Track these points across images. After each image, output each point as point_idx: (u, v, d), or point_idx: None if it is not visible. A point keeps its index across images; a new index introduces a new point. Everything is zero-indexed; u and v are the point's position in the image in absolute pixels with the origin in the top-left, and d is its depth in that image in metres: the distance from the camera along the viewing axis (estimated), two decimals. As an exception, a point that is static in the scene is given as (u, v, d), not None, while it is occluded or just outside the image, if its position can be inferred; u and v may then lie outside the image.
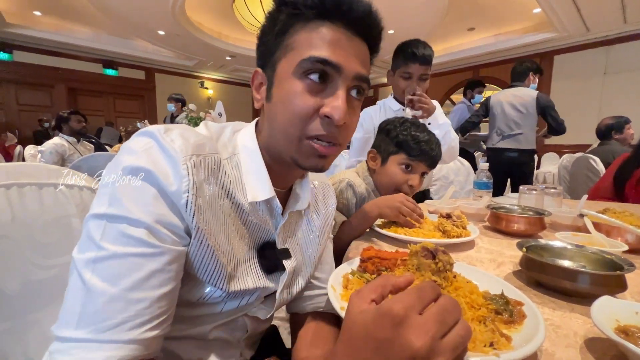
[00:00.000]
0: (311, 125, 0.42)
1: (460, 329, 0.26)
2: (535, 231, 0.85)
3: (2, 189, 0.50)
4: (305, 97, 0.42)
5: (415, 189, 0.98)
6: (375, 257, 0.55)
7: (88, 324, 0.33)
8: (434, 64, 6.12)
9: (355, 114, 0.47)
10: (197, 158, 0.40)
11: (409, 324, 0.25)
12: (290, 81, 0.43)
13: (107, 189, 0.37)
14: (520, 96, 2.52)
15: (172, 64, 7.94)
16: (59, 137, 2.95)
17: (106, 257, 0.34)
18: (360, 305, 0.28)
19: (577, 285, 0.48)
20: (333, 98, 0.42)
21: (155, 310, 0.36)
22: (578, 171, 2.76)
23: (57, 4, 5.29)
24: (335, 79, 0.42)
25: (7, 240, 0.49)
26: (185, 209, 0.38)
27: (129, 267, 0.35)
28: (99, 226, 0.36)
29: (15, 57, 6.47)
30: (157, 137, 0.39)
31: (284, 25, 0.44)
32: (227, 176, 0.45)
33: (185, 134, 0.41)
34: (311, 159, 0.44)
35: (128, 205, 0.36)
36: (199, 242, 0.40)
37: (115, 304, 0.33)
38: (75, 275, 0.35)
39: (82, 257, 0.35)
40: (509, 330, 0.39)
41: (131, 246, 0.35)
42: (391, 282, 0.30)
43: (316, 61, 0.41)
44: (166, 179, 0.38)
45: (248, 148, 0.48)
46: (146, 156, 0.38)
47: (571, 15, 4.64)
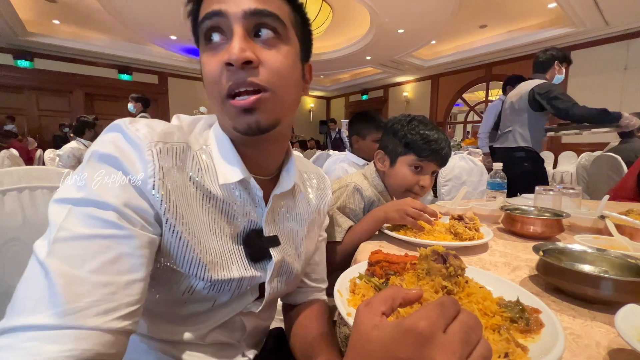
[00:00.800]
0: (222, 83, 0.41)
1: (483, 348, 0.25)
2: (553, 234, 0.81)
3: (15, 192, 0.51)
4: (210, 60, 0.42)
5: (427, 189, 0.95)
6: (384, 261, 0.53)
7: (46, 308, 0.29)
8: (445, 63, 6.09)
9: (277, 52, 0.42)
10: (164, 145, 0.40)
11: (435, 344, 0.23)
12: (202, 56, 0.43)
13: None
14: (521, 89, 2.20)
15: (184, 68, 8.09)
16: (76, 142, 3.05)
17: (68, 237, 0.32)
18: (372, 319, 0.26)
19: (599, 292, 0.46)
20: (230, 45, 0.40)
21: (123, 298, 0.33)
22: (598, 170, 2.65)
23: (75, 13, 5.47)
24: (228, 26, 0.41)
25: (18, 243, 0.50)
26: (152, 192, 0.38)
27: (94, 249, 0.32)
28: (63, 210, 0.34)
29: (36, 64, 6.72)
30: (122, 129, 0.39)
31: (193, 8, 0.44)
32: (197, 165, 0.44)
33: (151, 124, 0.41)
34: (239, 118, 0.42)
35: (96, 189, 0.35)
36: (170, 229, 0.40)
37: (77, 287, 0.30)
38: (32, 263, 0.32)
39: (42, 242, 0.33)
40: (525, 340, 0.37)
41: (99, 228, 0.33)
42: (401, 294, 0.28)
43: (204, 19, 0.41)
44: (132, 165, 0.37)
45: (218, 137, 0.48)
46: (113, 146, 0.38)
47: (589, 9, 4.49)
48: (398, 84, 8.88)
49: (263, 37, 0.42)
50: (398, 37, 5.79)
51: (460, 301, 0.42)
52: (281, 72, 0.42)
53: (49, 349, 0.28)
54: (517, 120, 2.20)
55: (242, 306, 0.51)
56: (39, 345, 0.28)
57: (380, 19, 5.05)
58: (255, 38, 0.42)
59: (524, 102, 2.14)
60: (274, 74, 0.42)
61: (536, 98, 2.05)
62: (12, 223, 0.49)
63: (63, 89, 7.17)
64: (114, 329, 0.31)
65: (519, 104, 2.18)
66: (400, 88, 8.86)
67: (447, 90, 7.79)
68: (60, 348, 0.28)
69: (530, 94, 2.08)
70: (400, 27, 5.40)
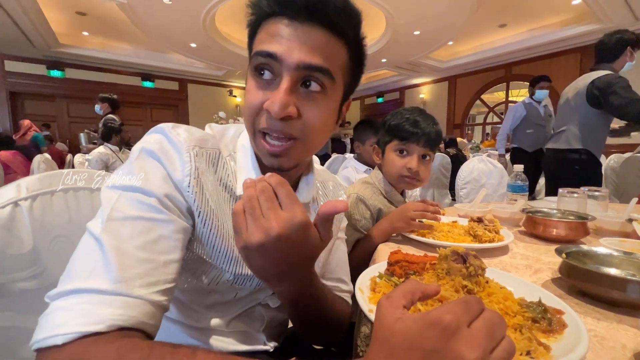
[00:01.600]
0: (259, 119, 0.44)
1: (507, 343, 0.25)
2: (577, 237, 0.79)
3: (61, 193, 0.56)
4: (255, 92, 0.44)
5: (418, 171, 0.93)
6: (403, 261, 0.54)
7: (101, 275, 0.33)
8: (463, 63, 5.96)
9: (316, 107, 0.44)
10: (200, 149, 0.45)
11: (460, 336, 0.24)
12: (249, 80, 0.46)
13: (125, 167, 0.42)
14: (579, 83, 1.88)
15: (203, 74, 8.34)
16: (103, 147, 3.21)
17: (119, 217, 0.37)
18: (394, 313, 0.27)
19: (626, 294, 0.45)
20: (276, 91, 0.42)
21: (162, 275, 0.37)
22: (628, 172, 2.53)
23: (103, 25, 5.77)
24: (279, 71, 0.42)
25: (65, 240, 0.54)
26: (188, 191, 0.42)
27: (140, 229, 0.37)
28: (114, 194, 0.39)
29: (66, 74, 7.13)
30: (165, 132, 0.45)
31: (251, 27, 0.47)
32: (225, 170, 0.49)
33: (190, 130, 0.47)
34: (266, 157, 0.46)
35: (143, 179, 0.40)
36: (203, 222, 0.44)
37: (127, 260, 0.34)
38: (86, 238, 0.37)
39: (95, 221, 0.38)
40: (547, 339, 0.37)
41: (143, 211, 0.38)
42: (420, 288, 0.29)
43: (259, 55, 0.42)
44: (172, 164, 0.43)
45: (244, 147, 0.51)
46: (158, 145, 0.44)
47: (617, 4, 4.30)
48: (414, 86, 8.78)
49: (308, 90, 0.43)
50: (414, 39, 5.74)
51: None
52: (316, 125, 0.45)
53: (101, 312, 0.31)
54: (573, 118, 1.90)
55: (260, 298, 0.55)
56: (91, 308, 0.31)
57: (395, 21, 5.03)
58: (301, 87, 0.43)
59: (581, 97, 1.84)
60: (308, 126, 0.44)
61: (594, 93, 1.76)
62: (59, 221, 0.54)
63: (91, 97, 7.50)
64: (154, 301, 0.35)
65: (575, 100, 1.88)
66: (417, 90, 8.76)
67: (465, 91, 7.62)
68: (111, 312, 0.31)
69: (589, 88, 1.78)
70: (416, 29, 5.35)
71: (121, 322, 0.31)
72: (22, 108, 6.76)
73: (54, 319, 0.31)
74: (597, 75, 1.79)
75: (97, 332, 0.30)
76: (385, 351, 0.27)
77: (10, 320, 0.48)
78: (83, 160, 3.59)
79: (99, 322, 0.30)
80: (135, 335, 0.32)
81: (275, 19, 0.43)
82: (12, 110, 6.72)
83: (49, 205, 0.54)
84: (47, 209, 0.53)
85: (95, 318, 0.30)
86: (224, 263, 0.47)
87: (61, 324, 0.30)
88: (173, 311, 0.52)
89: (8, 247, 0.48)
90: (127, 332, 0.31)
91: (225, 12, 5.11)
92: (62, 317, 0.31)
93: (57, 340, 0.29)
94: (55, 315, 0.31)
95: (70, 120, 7.51)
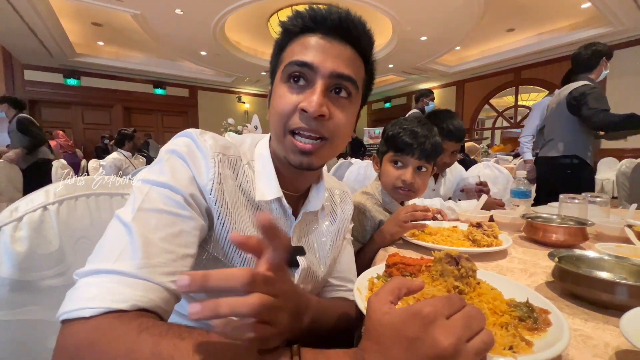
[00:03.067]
0: (291, 120, 0.48)
1: (485, 335, 0.29)
2: (576, 242, 0.80)
3: (84, 198, 0.61)
4: (287, 96, 0.48)
5: (413, 183, 0.93)
6: (401, 263, 0.57)
7: (129, 259, 0.36)
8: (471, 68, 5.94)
9: (343, 111, 0.50)
10: (224, 156, 0.50)
11: (438, 325, 0.27)
12: (279, 87, 0.50)
13: (157, 165, 0.47)
14: (560, 95, 2.05)
15: (213, 82, 8.53)
16: (117, 152, 3.32)
17: (148, 209, 0.40)
18: (382, 307, 0.31)
19: (613, 297, 0.47)
20: (310, 93, 0.47)
21: (179, 267, 0.39)
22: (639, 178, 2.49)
23: (117, 35, 5.99)
24: (313, 78, 0.48)
25: (87, 241, 0.59)
26: (210, 194, 0.46)
27: (165, 221, 0.41)
28: (145, 187, 0.43)
29: (82, 82, 7.39)
30: (194, 137, 0.49)
31: (280, 44, 0.52)
32: (245, 176, 0.53)
33: (215, 137, 0.51)
34: (295, 155, 0.49)
35: (172, 177, 0.44)
36: (221, 223, 0.48)
37: (151, 248, 0.37)
38: (116, 223, 0.40)
39: (125, 210, 0.41)
40: (532, 336, 0.39)
41: (170, 206, 0.42)
42: (406, 284, 0.33)
43: (295, 64, 0.48)
44: (199, 168, 0.47)
45: (262, 155, 0.55)
46: (187, 149, 0.48)
47: (627, 7, 4.26)
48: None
49: (337, 96, 0.49)
50: (421, 44, 5.77)
51: (471, 300, 0.46)
52: (341, 127, 0.50)
53: (125, 291, 0.34)
54: (559, 127, 2.05)
55: None
56: (117, 287, 0.34)
57: (402, 27, 5.08)
58: (329, 93, 0.49)
59: (563, 107, 1.99)
60: (336, 128, 0.49)
61: (572, 103, 1.91)
62: (82, 224, 0.59)
63: (105, 104, 7.81)
64: (171, 289, 0.38)
65: (559, 110, 2.03)
66: (424, 95, 8.74)
67: (474, 96, 7.60)
68: (133, 292, 0.34)
69: (568, 99, 1.93)
70: (423, 35, 5.39)
71: (142, 303, 0.34)
72: (39, 115, 7.03)
73: (83, 293, 0.34)
74: (575, 85, 1.94)
75: (121, 309, 0.33)
76: (374, 342, 0.30)
77: (39, 314, 0.53)
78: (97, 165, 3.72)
79: (124, 301, 0.33)
80: (152, 316, 0.35)
81: (308, 35, 0.49)
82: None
83: (74, 209, 0.59)
84: (71, 212, 0.58)
85: (120, 297, 0.33)
86: (239, 261, 0.51)
87: (90, 298, 0.33)
88: (184, 305, 0.55)
89: (38, 247, 0.52)
90: (145, 313, 0.34)
91: (235, 21, 5.25)
92: (91, 292, 0.33)
93: (85, 313, 0.32)
94: (84, 290, 0.34)
95: (85, 126, 7.76)
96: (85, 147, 7.31)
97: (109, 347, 0.30)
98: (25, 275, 0.51)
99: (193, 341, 0.30)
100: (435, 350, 0.26)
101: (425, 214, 0.81)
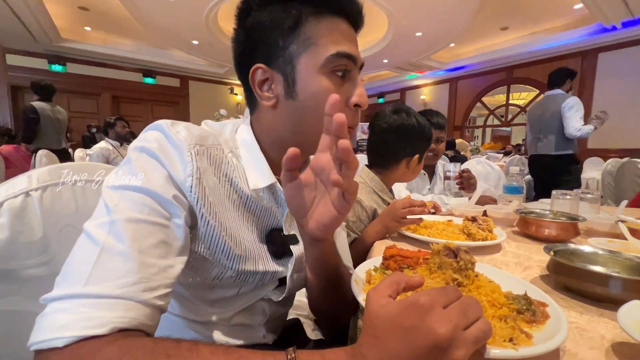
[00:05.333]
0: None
1: (482, 324, 0.28)
2: (568, 237, 0.81)
3: (69, 185, 0.58)
4: (335, 91, 0.46)
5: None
6: (398, 256, 0.56)
7: (102, 280, 0.32)
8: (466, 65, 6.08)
9: None
10: (201, 147, 0.45)
11: (434, 313, 0.27)
12: (318, 78, 0.46)
13: (125, 166, 0.42)
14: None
15: (205, 72, 8.35)
16: (104, 142, 3.23)
17: (122, 219, 0.36)
18: (379, 301, 0.30)
19: (607, 290, 0.47)
20: (357, 88, 0.47)
21: (162, 280, 0.36)
22: (624, 177, 2.56)
23: (105, 20, 5.78)
24: (353, 70, 0.47)
25: (72, 229, 0.56)
26: (190, 191, 0.42)
27: (142, 232, 0.36)
28: (116, 194, 0.38)
29: (68, 69, 7.12)
30: (164, 130, 0.44)
31: (296, 19, 0.46)
32: (230, 166, 0.49)
33: (189, 127, 0.46)
34: None
35: (146, 179, 0.39)
36: (205, 223, 0.44)
37: (130, 264, 0.34)
38: (84, 240, 0.36)
39: (95, 222, 0.37)
40: (530, 329, 0.39)
41: (145, 214, 0.37)
42: (404, 279, 0.32)
43: (343, 56, 0.46)
44: (173, 164, 0.42)
45: (246, 142, 0.52)
46: (157, 144, 0.43)
47: (618, 9, 4.33)
48: (415, 87, 8.80)
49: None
50: (416, 40, 5.76)
51: (470, 293, 0.45)
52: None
53: (102, 315, 0.31)
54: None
55: (263, 293, 0.55)
56: (91, 311, 0.31)
57: (398, 22, 5.05)
58: None
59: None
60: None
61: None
62: (67, 211, 0.56)
63: (92, 92, 7.56)
64: (155, 305, 0.35)
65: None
66: (418, 91, 8.78)
67: (466, 93, 7.65)
68: (111, 315, 0.31)
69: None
70: (418, 30, 5.37)
71: (123, 324, 0.31)
72: (22, 102, 6.77)
73: (53, 321, 0.30)
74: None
75: (98, 335, 0.30)
76: (372, 334, 0.29)
77: (20, 304, 0.50)
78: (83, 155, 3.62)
79: (101, 325, 0.30)
80: (135, 334, 0.32)
81: (333, 17, 0.47)
82: (13, 104, 6.72)
83: (58, 196, 0.56)
84: (56, 199, 0.55)
85: (96, 321, 0.30)
86: (226, 260, 0.47)
87: (61, 327, 0.30)
88: (175, 306, 0.52)
89: (20, 234, 0.50)
90: (127, 333, 0.32)
91: (229, 10, 5.12)
92: (62, 319, 0.30)
93: (57, 343, 0.29)
94: (54, 317, 0.31)
95: (71, 115, 7.45)
96: (71, 136, 7.08)
97: None
98: (6, 263, 0.49)
99: (180, 358, 0.28)
100: (431, 338, 0.26)
101: (423, 209, 0.81)
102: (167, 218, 0.40)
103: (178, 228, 0.40)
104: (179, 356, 0.28)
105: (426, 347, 0.26)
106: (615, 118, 5.43)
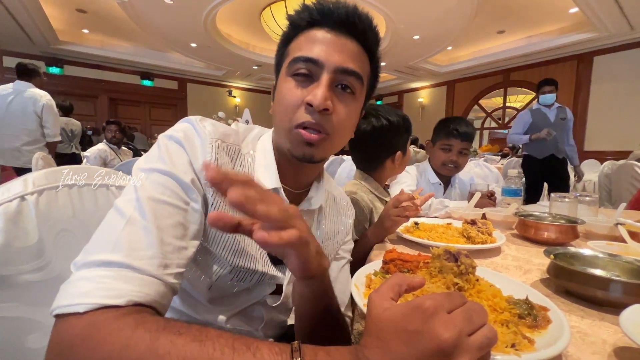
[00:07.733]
0: (297, 114, 0.48)
1: (487, 330, 0.28)
2: (567, 240, 0.81)
3: (66, 189, 0.57)
4: (293, 90, 0.48)
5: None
6: (398, 259, 0.56)
7: (126, 249, 0.35)
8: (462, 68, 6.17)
9: (346, 107, 0.50)
10: (222, 143, 0.48)
11: (438, 318, 0.27)
12: (285, 81, 0.50)
13: (154, 151, 0.45)
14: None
15: (203, 74, 8.34)
16: (102, 144, 3.21)
17: (146, 197, 0.39)
18: (382, 304, 0.30)
19: (608, 294, 0.47)
20: (315, 87, 0.47)
21: (176, 259, 0.39)
22: (621, 179, 2.58)
23: (103, 22, 5.77)
24: (318, 73, 0.48)
25: (68, 233, 0.56)
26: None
27: (162, 212, 0.39)
28: (143, 176, 0.42)
29: (65, 71, 7.10)
30: (193, 123, 0.48)
31: (286, 37, 0.52)
32: (243, 165, 0.52)
33: (216, 124, 0.50)
34: (300, 147, 0.49)
35: (171, 164, 0.43)
36: (216, 210, 0.46)
37: (151, 238, 0.37)
38: (113, 213, 0.39)
39: (124, 198, 0.40)
40: (532, 334, 0.39)
41: (167, 195, 0.41)
42: (406, 281, 0.32)
43: (300, 60, 0.48)
44: (194, 152, 0.46)
45: (264, 147, 0.55)
46: (183, 133, 0.47)
47: (613, 13, 4.37)
48: (413, 90, 8.84)
49: (342, 91, 0.49)
50: (413, 43, 5.79)
51: (471, 297, 0.45)
52: (343, 123, 0.50)
53: (121, 286, 0.33)
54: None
55: (260, 296, 0.56)
56: (112, 282, 0.33)
57: (395, 26, 5.08)
58: (335, 87, 0.49)
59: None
60: (338, 123, 0.49)
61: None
62: (64, 215, 0.55)
63: (89, 94, 7.53)
64: (168, 282, 0.37)
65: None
66: (415, 94, 8.82)
67: (463, 96, 7.69)
68: (129, 287, 0.33)
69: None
70: (415, 34, 5.40)
71: (138, 298, 0.33)
72: (19, 104, 6.72)
73: (77, 288, 0.33)
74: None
75: (116, 305, 0.32)
76: (375, 337, 0.29)
77: (15, 310, 0.49)
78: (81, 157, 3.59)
79: (119, 296, 0.32)
80: (149, 311, 0.34)
81: (315, 29, 0.49)
82: (10, 106, 6.68)
83: (54, 200, 0.55)
84: (52, 203, 0.54)
85: (115, 292, 0.32)
86: (227, 254, 0.49)
87: (84, 294, 0.32)
88: (176, 300, 0.54)
89: (15, 239, 0.49)
90: (141, 308, 0.33)
91: (227, 13, 5.13)
92: (85, 287, 0.33)
93: (79, 309, 0.31)
94: (78, 284, 0.33)
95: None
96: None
97: (103, 343, 0.29)
98: (0, 269, 0.48)
99: (190, 337, 0.29)
100: (435, 343, 0.26)
101: (413, 201, 0.81)
102: (186, 202, 0.42)
103: (195, 212, 0.43)
104: (189, 335, 0.29)
105: (430, 351, 0.26)
106: (610, 121, 5.51)
